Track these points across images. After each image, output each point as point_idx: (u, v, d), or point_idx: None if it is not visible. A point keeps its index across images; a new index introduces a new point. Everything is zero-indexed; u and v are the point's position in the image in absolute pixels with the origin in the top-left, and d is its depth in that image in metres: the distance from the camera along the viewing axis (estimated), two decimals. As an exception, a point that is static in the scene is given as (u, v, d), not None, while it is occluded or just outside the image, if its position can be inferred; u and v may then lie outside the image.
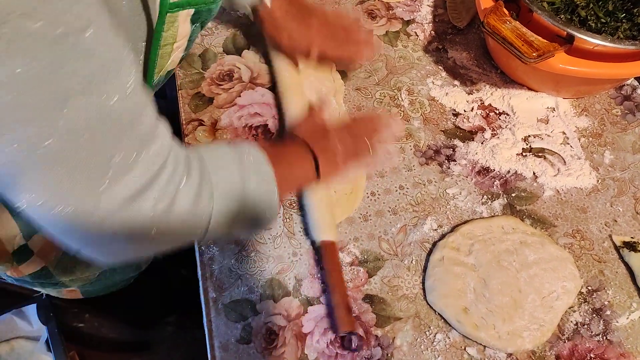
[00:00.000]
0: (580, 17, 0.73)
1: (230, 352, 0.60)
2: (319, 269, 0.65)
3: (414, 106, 0.81)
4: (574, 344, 0.62)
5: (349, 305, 0.61)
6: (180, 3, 0.50)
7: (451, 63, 0.86)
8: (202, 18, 0.56)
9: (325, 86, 0.80)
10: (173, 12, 0.50)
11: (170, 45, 0.53)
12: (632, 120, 0.81)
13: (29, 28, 0.32)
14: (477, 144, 0.76)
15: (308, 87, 0.79)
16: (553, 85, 0.80)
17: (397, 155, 0.75)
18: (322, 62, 0.78)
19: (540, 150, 0.76)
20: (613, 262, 0.67)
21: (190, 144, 0.75)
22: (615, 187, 0.74)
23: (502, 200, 0.72)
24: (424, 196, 0.72)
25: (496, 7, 0.71)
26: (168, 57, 0.54)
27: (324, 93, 0.79)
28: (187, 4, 0.51)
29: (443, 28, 0.90)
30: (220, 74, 0.82)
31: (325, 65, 0.81)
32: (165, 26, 0.50)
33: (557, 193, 0.73)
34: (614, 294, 0.65)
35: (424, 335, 0.62)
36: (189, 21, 0.54)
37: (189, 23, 0.54)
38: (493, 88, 0.82)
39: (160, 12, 0.49)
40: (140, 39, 0.49)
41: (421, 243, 0.68)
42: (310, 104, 0.69)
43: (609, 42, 0.67)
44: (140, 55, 0.50)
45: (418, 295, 0.64)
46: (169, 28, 0.51)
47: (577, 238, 0.69)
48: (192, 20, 0.54)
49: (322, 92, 0.79)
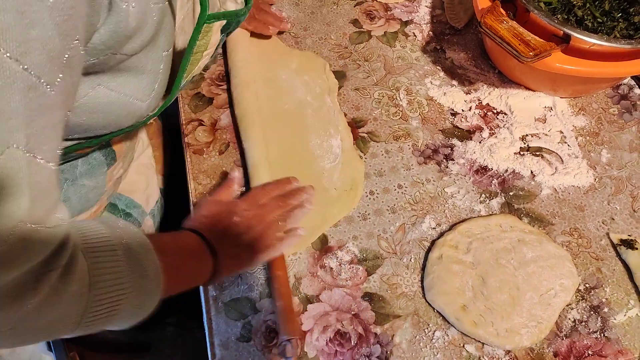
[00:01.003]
0: (577, 16, 0.74)
1: (231, 350, 0.60)
2: (267, 276, 0.65)
3: (413, 106, 0.81)
4: (571, 341, 0.62)
5: (292, 312, 0.60)
6: (215, 15, 0.53)
7: (449, 63, 0.86)
8: (231, 28, 0.59)
9: (319, 85, 0.81)
10: (210, 23, 0.52)
11: (201, 53, 0.55)
12: (629, 119, 0.81)
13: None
14: (475, 143, 0.77)
15: (302, 86, 0.80)
16: (550, 85, 0.80)
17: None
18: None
19: (538, 149, 0.77)
20: (610, 260, 0.68)
21: (190, 144, 0.75)
22: (613, 185, 0.74)
23: (500, 199, 0.72)
24: (423, 195, 0.72)
25: (493, 7, 0.72)
26: (197, 63, 0.56)
27: (318, 92, 0.79)
28: (222, 16, 0.54)
29: (441, 28, 0.91)
30: (220, 74, 0.83)
31: (318, 64, 0.83)
32: (200, 35, 0.52)
33: (555, 191, 0.73)
34: (611, 292, 0.65)
35: (423, 332, 0.62)
36: (220, 31, 0.56)
37: (219, 33, 0.56)
38: (491, 88, 0.83)
39: (198, 22, 0.51)
40: (162, 49, 0.50)
41: (420, 241, 0.68)
42: (224, 179, 0.64)
43: (605, 42, 0.68)
44: (162, 64, 0.51)
45: (417, 293, 0.65)
46: (203, 37, 0.53)
47: (574, 236, 0.70)
48: (222, 30, 0.57)
49: (316, 92, 0.79)
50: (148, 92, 0.51)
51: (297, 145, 0.75)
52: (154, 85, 0.52)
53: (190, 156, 0.74)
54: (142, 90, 0.51)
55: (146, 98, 0.52)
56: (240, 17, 0.58)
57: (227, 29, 0.58)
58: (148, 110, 0.54)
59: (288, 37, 0.88)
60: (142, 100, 0.51)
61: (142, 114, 0.53)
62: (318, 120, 0.77)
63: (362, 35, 0.89)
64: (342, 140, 0.75)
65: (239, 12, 0.58)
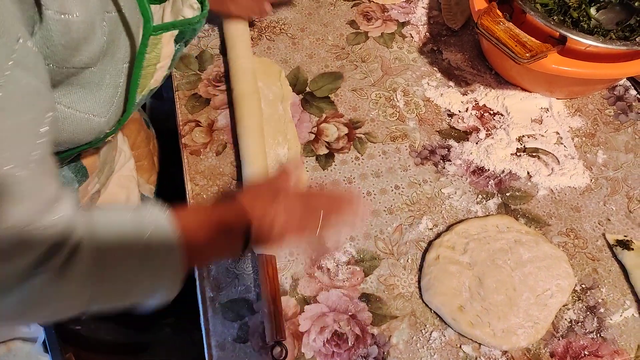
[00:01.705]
0: (573, 18, 0.74)
1: (227, 351, 0.60)
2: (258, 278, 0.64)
3: (409, 107, 0.81)
4: (568, 341, 0.62)
5: (280, 316, 0.60)
6: (163, 26, 0.49)
7: (446, 64, 0.86)
8: (187, 37, 0.55)
9: (273, 92, 0.80)
10: (156, 35, 0.49)
11: (153, 66, 0.52)
12: (624, 120, 0.81)
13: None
14: (471, 144, 0.77)
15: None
16: (546, 86, 0.81)
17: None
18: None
19: (534, 150, 0.77)
20: (606, 261, 0.68)
21: (187, 145, 0.75)
22: (609, 186, 0.75)
23: (497, 200, 0.72)
24: (420, 196, 0.72)
25: (490, 9, 0.72)
26: (151, 77, 0.53)
27: (271, 99, 0.79)
28: (171, 26, 0.50)
29: (438, 30, 0.91)
30: (216, 75, 0.83)
31: (274, 70, 0.82)
32: (148, 48, 0.49)
33: (551, 192, 0.73)
34: (607, 292, 0.66)
35: (420, 333, 0.62)
36: (173, 41, 0.53)
37: (172, 43, 0.53)
38: (487, 89, 0.83)
39: (144, 35, 0.48)
40: (122, 61, 0.48)
41: (417, 242, 0.68)
42: (280, 166, 0.59)
43: (600, 43, 0.68)
44: (122, 77, 0.49)
45: (414, 294, 0.65)
46: (152, 50, 0.50)
47: (570, 237, 0.70)
48: (175, 40, 0.53)
49: (269, 99, 0.79)
50: (107, 107, 0.49)
51: (242, 151, 0.72)
52: (113, 100, 0.49)
53: (187, 157, 0.74)
54: (100, 105, 0.48)
55: (105, 113, 0.49)
56: (194, 25, 0.53)
57: (182, 38, 0.54)
58: (107, 126, 0.51)
59: (285, 38, 0.88)
60: (100, 116, 0.49)
61: (101, 130, 0.51)
62: (268, 128, 0.75)
63: (359, 37, 0.89)
64: (289, 149, 0.75)
65: (192, 20, 0.53)
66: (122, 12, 0.45)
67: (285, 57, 0.86)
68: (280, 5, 0.92)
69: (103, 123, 0.50)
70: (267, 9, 0.80)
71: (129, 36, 0.48)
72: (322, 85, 0.83)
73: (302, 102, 0.81)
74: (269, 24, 0.90)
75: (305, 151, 0.76)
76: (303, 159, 0.75)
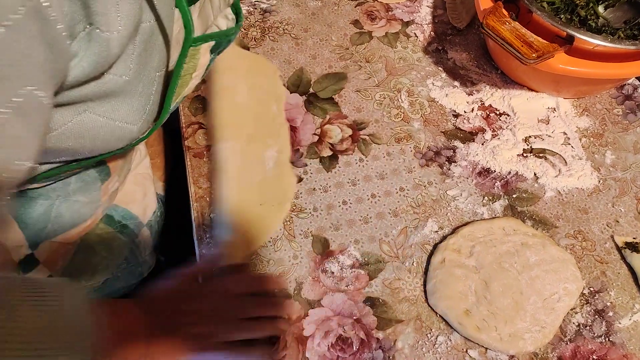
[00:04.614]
0: (580, 17, 0.73)
1: (231, 356, 0.60)
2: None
3: (414, 107, 0.80)
4: (576, 345, 0.61)
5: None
6: (203, 37, 0.51)
7: (451, 64, 0.85)
8: (221, 48, 0.57)
9: (266, 91, 0.79)
10: (196, 46, 0.50)
11: (189, 75, 0.53)
12: (633, 119, 0.80)
13: None
14: (477, 145, 0.76)
15: (248, 93, 0.77)
16: (553, 86, 0.79)
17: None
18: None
19: (541, 151, 0.76)
20: (615, 263, 0.67)
21: (190, 147, 0.75)
22: (617, 187, 0.73)
23: (503, 202, 0.71)
24: (425, 198, 0.72)
25: (495, 8, 0.71)
26: (186, 85, 0.55)
27: (264, 99, 0.78)
28: (209, 37, 0.52)
29: (443, 29, 0.90)
30: (219, 77, 0.82)
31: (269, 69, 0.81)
32: (187, 59, 0.50)
33: (559, 194, 0.73)
34: (616, 295, 0.65)
35: (426, 337, 0.61)
36: (209, 52, 0.54)
37: (208, 54, 0.54)
38: (493, 89, 0.82)
39: (184, 46, 0.49)
40: (155, 69, 0.49)
41: (422, 245, 0.68)
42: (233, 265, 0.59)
43: (609, 42, 0.67)
44: (155, 85, 0.50)
45: (419, 298, 0.64)
46: (191, 60, 0.51)
47: (578, 239, 0.69)
48: (211, 50, 0.54)
49: (263, 99, 0.77)
50: (139, 115, 0.50)
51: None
52: (146, 108, 0.50)
53: (190, 160, 0.74)
54: (133, 113, 0.49)
55: (137, 121, 0.50)
56: (230, 36, 0.55)
57: (217, 48, 0.55)
58: (139, 133, 0.52)
59: (288, 38, 0.87)
60: (132, 124, 0.49)
61: (133, 137, 0.51)
62: (260, 128, 0.74)
63: (363, 36, 0.88)
64: (279, 152, 0.73)
65: (229, 32, 0.55)
66: (160, 20, 0.46)
67: (289, 57, 0.85)
68: (282, 4, 0.91)
69: (136, 130, 0.51)
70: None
71: (165, 45, 0.49)
72: (325, 86, 0.82)
73: (306, 104, 0.80)
74: (272, 24, 0.89)
75: (308, 153, 0.75)
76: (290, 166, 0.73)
